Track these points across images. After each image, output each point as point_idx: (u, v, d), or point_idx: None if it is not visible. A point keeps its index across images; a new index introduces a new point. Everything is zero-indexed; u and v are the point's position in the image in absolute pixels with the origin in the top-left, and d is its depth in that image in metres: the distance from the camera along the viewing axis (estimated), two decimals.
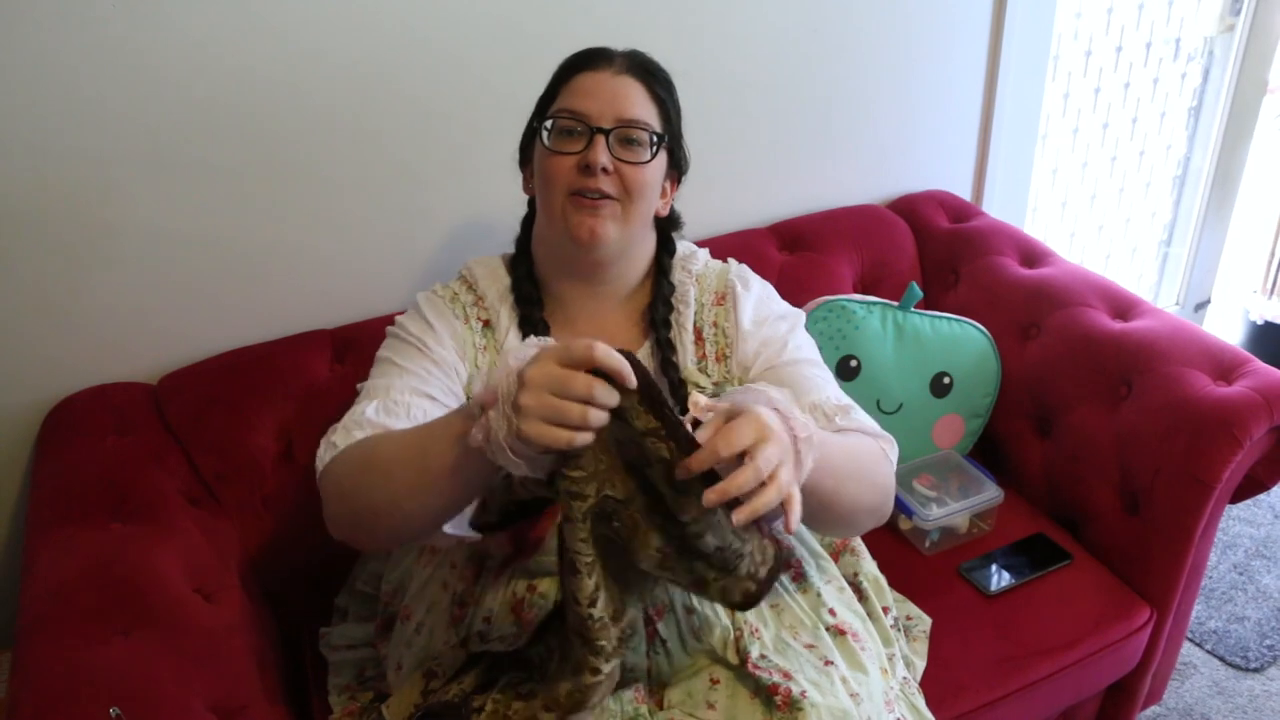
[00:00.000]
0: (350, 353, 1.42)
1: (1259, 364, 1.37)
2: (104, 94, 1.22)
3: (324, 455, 0.99)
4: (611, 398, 0.77)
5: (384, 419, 1.00)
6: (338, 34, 1.32)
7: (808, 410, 1.05)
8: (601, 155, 1.02)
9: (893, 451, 1.09)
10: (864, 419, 1.09)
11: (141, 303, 1.36)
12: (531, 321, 1.13)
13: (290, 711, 1.18)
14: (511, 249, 1.21)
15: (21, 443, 1.35)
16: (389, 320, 1.43)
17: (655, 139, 1.06)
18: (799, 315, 1.21)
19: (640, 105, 1.06)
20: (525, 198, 1.19)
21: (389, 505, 0.90)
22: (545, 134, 1.05)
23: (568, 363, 0.77)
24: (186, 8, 1.22)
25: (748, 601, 0.88)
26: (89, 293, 1.32)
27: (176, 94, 1.26)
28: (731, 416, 0.81)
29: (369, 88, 1.37)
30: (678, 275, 1.18)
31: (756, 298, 1.19)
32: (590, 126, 1.03)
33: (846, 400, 1.10)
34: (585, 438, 0.77)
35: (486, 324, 1.15)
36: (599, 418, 0.77)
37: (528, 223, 1.19)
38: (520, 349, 0.81)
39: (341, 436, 0.99)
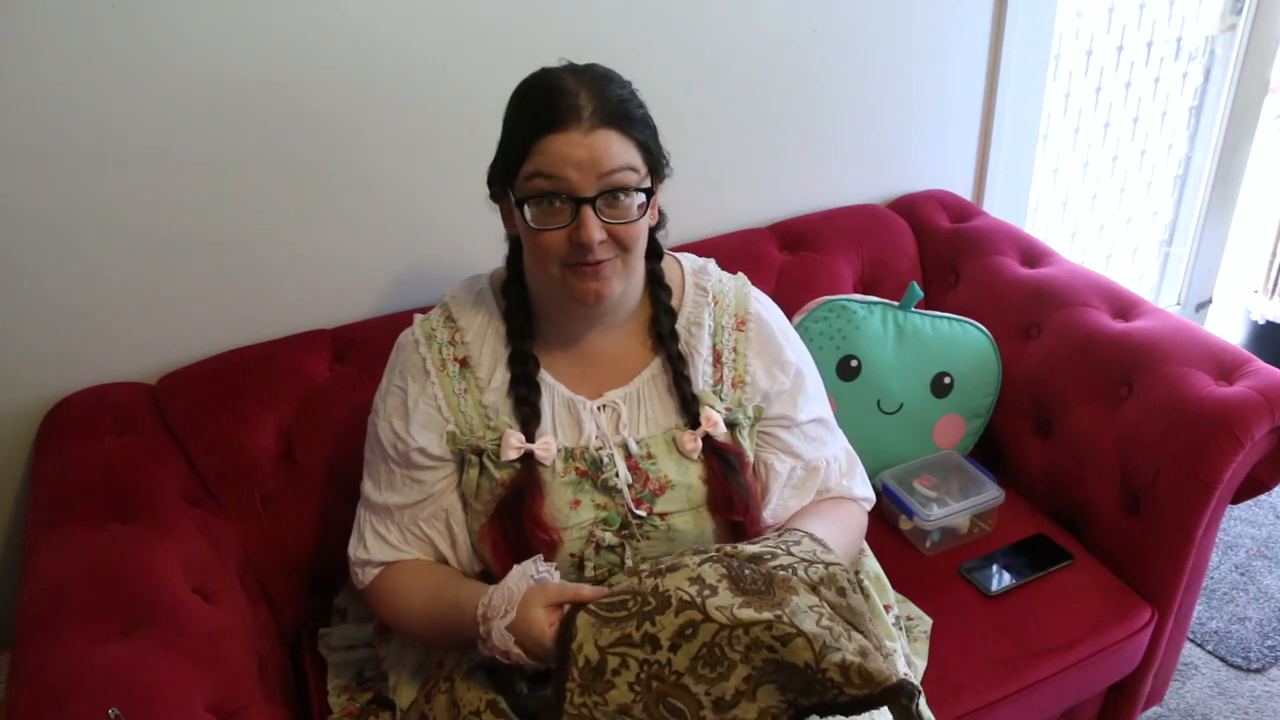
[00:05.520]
0: (350, 353, 1.42)
1: (1260, 364, 1.36)
2: (104, 94, 1.22)
3: (361, 574, 1.13)
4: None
5: (407, 549, 1.12)
6: (340, 37, 1.32)
7: (818, 469, 1.16)
8: (594, 232, 0.94)
9: (869, 504, 1.23)
10: (857, 479, 1.21)
11: (141, 303, 1.36)
12: (522, 358, 1.07)
13: (290, 712, 1.18)
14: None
15: (21, 442, 1.35)
16: (389, 320, 1.44)
17: (644, 192, 0.97)
18: (805, 357, 1.19)
19: (620, 154, 0.95)
20: None
21: (421, 639, 1.12)
22: (525, 210, 0.96)
23: (557, 601, 0.94)
24: (187, 10, 1.22)
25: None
26: (89, 293, 1.32)
27: (176, 95, 1.26)
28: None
29: (368, 90, 1.37)
30: (692, 295, 1.14)
31: (775, 343, 1.15)
32: (574, 198, 0.94)
33: (845, 461, 1.20)
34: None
35: (463, 363, 1.09)
36: None
37: (515, 251, 1.10)
38: (522, 572, 0.97)
39: (378, 549, 1.11)
